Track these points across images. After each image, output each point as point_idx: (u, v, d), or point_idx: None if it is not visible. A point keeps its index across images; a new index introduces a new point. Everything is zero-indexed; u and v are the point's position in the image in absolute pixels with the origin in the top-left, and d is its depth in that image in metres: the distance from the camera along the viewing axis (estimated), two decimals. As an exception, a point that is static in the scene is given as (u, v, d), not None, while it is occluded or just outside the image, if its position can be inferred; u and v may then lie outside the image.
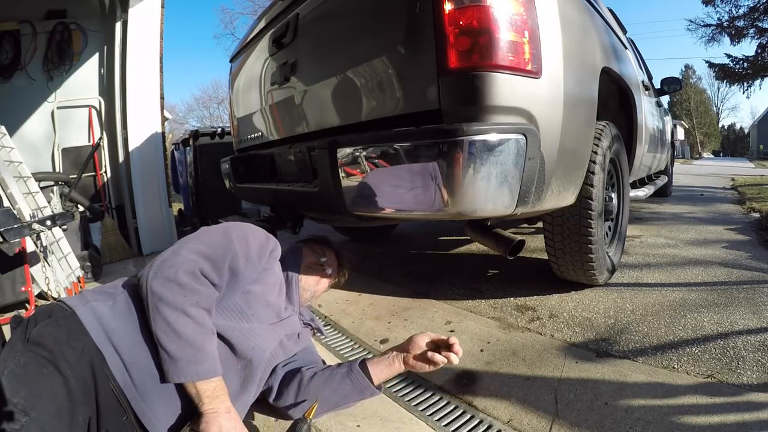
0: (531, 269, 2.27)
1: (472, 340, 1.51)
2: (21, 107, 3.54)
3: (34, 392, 0.67)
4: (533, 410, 1.09)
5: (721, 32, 12.31)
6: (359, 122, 1.37)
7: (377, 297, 2.03)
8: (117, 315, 0.83)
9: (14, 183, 2.08)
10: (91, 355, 0.76)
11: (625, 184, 2.06)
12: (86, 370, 0.74)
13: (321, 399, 1.00)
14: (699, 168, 13.94)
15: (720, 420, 0.99)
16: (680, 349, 1.33)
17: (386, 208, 1.21)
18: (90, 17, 3.68)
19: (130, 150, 3.57)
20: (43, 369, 0.71)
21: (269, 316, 1.03)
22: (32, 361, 0.71)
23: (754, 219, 3.46)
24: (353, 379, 1.02)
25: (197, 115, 34.34)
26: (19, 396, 0.66)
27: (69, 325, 0.78)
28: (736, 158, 37.43)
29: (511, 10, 1.10)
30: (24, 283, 2.00)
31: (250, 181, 2.12)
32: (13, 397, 0.65)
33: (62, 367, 0.72)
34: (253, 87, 2.09)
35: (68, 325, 0.78)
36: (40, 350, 0.73)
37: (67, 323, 0.79)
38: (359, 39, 1.38)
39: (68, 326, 0.78)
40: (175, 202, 5.23)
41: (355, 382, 1.02)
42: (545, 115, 1.19)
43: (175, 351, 0.78)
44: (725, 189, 6.31)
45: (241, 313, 0.96)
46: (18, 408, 0.64)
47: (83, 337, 0.77)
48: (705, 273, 2.05)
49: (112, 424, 0.75)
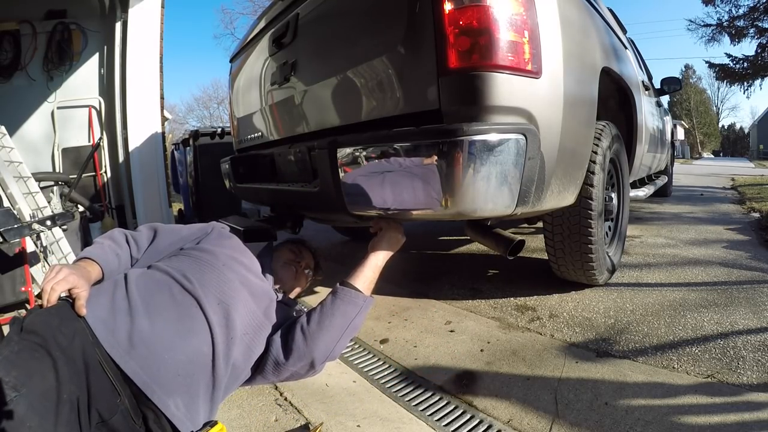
0: (531, 269, 2.27)
1: (472, 340, 1.51)
2: (21, 107, 3.54)
3: (25, 372, 0.71)
4: (533, 410, 1.09)
5: (721, 32, 12.31)
6: (359, 122, 1.37)
7: (377, 297, 2.01)
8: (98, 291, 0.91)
9: (14, 183, 2.08)
10: (82, 339, 0.79)
11: (625, 184, 2.06)
12: (77, 353, 0.77)
13: (326, 330, 1.03)
14: (699, 168, 13.95)
15: (720, 420, 0.99)
16: (680, 349, 1.33)
17: (386, 208, 1.21)
18: (90, 17, 3.68)
19: (130, 150, 3.57)
20: (34, 353, 0.74)
21: (239, 267, 1.08)
22: (25, 347, 0.75)
23: (754, 219, 3.46)
24: (342, 297, 1.07)
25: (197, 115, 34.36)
26: (11, 375, 0.69)
27: (60, 312, 0.82)
28: (736, 158, 37.41)
29: (511, 10, 1.10)
30: (24, 283, 2.00)
31: (250, 181, 2.12)
32: (5, 376, 0.69)
33: (53, 350, 0.75)
34: (253, 87, 2.09)
35: (59, 312, 0.82)
36: (32, 337, 0.77)
37: (57, 311, 0.82)
38: (359, 39, 1.38)
39: (59, 313, 0.82)
40: (175, 202, 5.23)
41: (345, 297, 1.07)
42: (545, 115, 1.19)
43: None
44: (725, 189, 6.31)
45: (211, 265, 1.04)
46: (9, 385, 0.68)
47: (74, 322, 0.82)
48: (705, 273, 2.05)
49: (103, 405, 0.77)
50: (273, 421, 1.11)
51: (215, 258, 1.07)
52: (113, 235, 1.12)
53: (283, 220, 1.89)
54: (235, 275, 1.05)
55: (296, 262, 1.35)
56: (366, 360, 1.45)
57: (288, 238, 1.53)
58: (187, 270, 1.00)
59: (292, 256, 1.36)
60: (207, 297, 0.94)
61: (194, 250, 1.11)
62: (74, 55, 3.61)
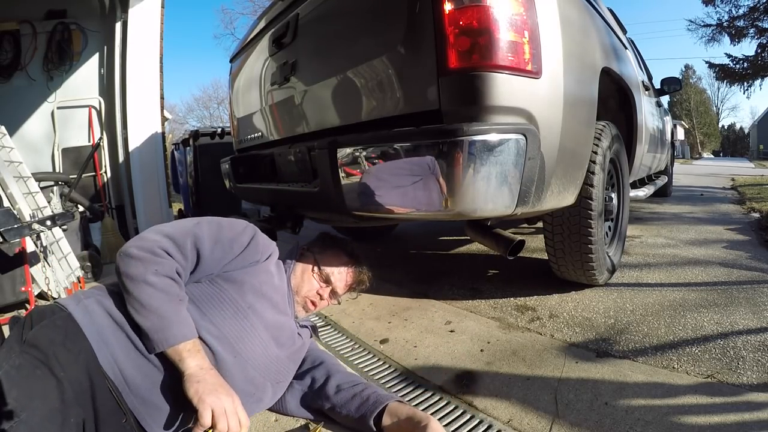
0: (531, 269, 2.27)
1: (472, 340, 1.51)
2: (21, 107, 3.54)
3: (26, 393, 0.67)
4: (533, 410, 1.09)
5: (721, 32, 12.30)
6: (359, 122, 1.37)
7: (377, 297, 2.03)
8: (105, 311, 0.83)
9: (14, 183, 2.08)
10: (87, 357, 0.75)
11: (625, 184, 2.06)
12: (82, 373, 0.73)
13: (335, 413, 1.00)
14: (699, 168, 13.94)
15: (720, 420, 0.99)
16: (680, 349, 1.33)
17: (386, 208, 1.21)
18: (90, 17, 3.68)
19: (130, 150, 3.57)
20: (36, 371, 0.70)
21: (265, 309, 0.98)
22: (26, 362, 0.71)
23: (754, 219, 3.46)
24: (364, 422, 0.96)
25: (197, 115, 34.35)
26: (11, 397, 0.66)
27: (66, 327, 0.78)
28: (736, 158, 37.42)
29: (511, 10, 1.10)
30: (24, 283, 2.00)
31: (250, 181, 2.12)
32: (5, 397, 0.65)
33: (55, 369, 0.71)
34: (253, 87, 2.09)
35: (65, 327, 0.78)
36: (34, 352, 0.72)
37: (64, 324, 0.78)
38: (359, 39, 1.38)
39: (65, 328, 0.77)
40: (175, 202, 5.23)
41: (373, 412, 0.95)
42: (545, 115, 1.19)
43: (144, 323, 0.78)
44: (725, 189, 6.31)
45: (235, 306, 0.93)
46: (7, 409, 0.64)
47: (81, 340, 0.77)
48: (705, 273, 2.05)
49: (110, 428, 0.75)
50: (273, 421, 1.11)
51: (240, 294, 0.94)
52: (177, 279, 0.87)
53: (283, 220, 1.90)
54: (259, 320, 0.95)
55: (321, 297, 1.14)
56: (366, 360, 1.45)
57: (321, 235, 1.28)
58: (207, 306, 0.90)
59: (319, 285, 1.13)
60: (222, 345, 0.88)
61: (221, 279, 0.96)
62: (74, 55, 3.62)
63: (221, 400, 0.75)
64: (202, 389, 0.75)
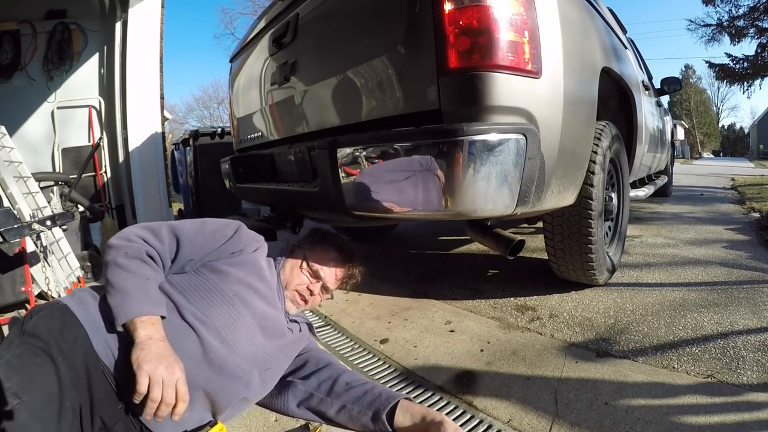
0: (531, 269, 2.27)
1: (472, 340, 1.51)
2: (21, 107, 3.54)
3: (27, 378, 0.69)
4: (533, 410, 1.09)
5: (721, 32, 12.31)
6: (359, 122, 1.37)
7: (377, 297, 2.03)
8: (98, 301, 0.86)
9: (14, 183, 2.08)
10: (84, 344, 0.78)
11: (625, 184, 2.06)
12: (78, 359, 0.76)
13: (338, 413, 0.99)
14: (699, 168, 13.94)
15: (720, 420, 0.99)
16: (680, 349, 1.33)
17: (386, 208, 1.21)
18: (90, 17, 3.68)
19: (130, 150, 3.57)
20: (36, 358, 0.72)
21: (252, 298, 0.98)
22: (27, 351, 0.73)
23: (754, 219, 3.46)
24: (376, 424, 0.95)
25: (197, 115, 34.33)
26: (12, 381, 0.68)
27: (63, 317, 0.80)
28: (736, 158, 37.40)
29: (511, 10, 1.10)
30: (24, 283, 2.00)
31: (250, 181, 2.12)
32: (6, 382, 0.67)
33: (55, 355, 0.73)
34: (253, 87, 2.09)
35: (62, 317, 0.80)
36: (34, 341, 0.75)
37: (61, 314, 0.81)
38: (359, 39, 1.38)
39: (62, 317, 0.80)
40: (175, 202, 5.23)
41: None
42: (545, 115, 1.19)
43: (111, 301, 0.82)
44: (725, 189, 6.31)
45: (221, 294, 0.93)
46: (10, 392, 0.67)
47: (76, 328, 0.79)
48: (705, 273, 2.05)
49: (106, 412, 0.77)
50: (273, 421, 1.11)
51: (226, 283, 0.95)
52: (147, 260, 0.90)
53: (283, 220, 1.89)
54: (245, 308, 0.95)
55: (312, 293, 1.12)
56: (366, 360, 1.45)
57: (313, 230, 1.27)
58: (192, 295, 0.91)
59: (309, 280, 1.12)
60: (209, 331, 0.88)
61: (206, 269, 0.98)
62: (74, 55, 3.62)
63: (159, 369, 0.74)
64: (143, 356, 0.75)
